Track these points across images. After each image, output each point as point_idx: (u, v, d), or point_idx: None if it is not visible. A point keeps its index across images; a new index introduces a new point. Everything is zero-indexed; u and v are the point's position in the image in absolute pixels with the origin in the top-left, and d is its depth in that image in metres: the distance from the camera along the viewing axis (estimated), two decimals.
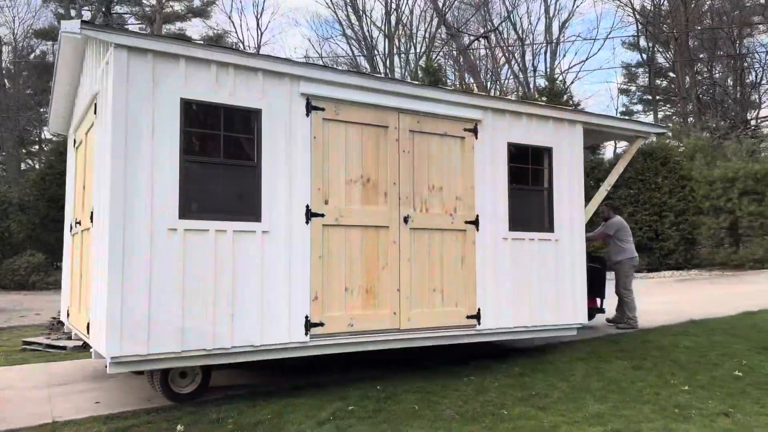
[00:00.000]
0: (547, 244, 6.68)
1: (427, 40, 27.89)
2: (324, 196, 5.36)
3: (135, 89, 4.55)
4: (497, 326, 6.25)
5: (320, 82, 5.37)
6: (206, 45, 4.83)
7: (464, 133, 6.20)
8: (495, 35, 28.62)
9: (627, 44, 34.29)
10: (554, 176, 6.80)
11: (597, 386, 5.40)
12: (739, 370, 5.84)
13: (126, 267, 4.44)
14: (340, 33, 29.76)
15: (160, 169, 4.61)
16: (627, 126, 7.62)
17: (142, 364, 4.55)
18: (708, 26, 28.80)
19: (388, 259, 5.66)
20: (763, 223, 17.66)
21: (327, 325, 5.28)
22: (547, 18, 29.96)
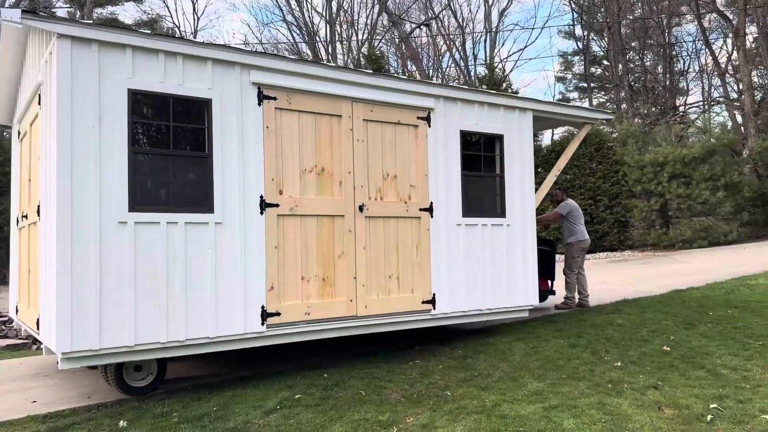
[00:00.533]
0: (499, 230, 6.85)
1: (369, 27, 27.78)
2: (278, 186, 5.37)
3: (80, 80, 4.45)
4: (452, 310, 6.40)
5: (271, 71, 5.35)
6: (153, 34, 4.74)
7: (417, 122, 6.28)
8: (436, 23, 28.96)
9: (563, 33, 35.37)
10: (506, 163, 6.96)
11: (535, 365, 5.59)
12: (668, 345, 6.12)
13: (75, 261, 4.37)
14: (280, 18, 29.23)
15: (108, 162, 4.54)
16: (576, 113, 7.83)
17: (94, 359, 4.51)
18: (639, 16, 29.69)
19: (344, 248, 5.72)
20: (691, 205, 18.47)
21: (283, 314, 5.31)
22: (487, 6, 30.52)
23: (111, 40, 4.56)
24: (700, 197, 18.12)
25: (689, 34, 33.45)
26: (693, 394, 4.66)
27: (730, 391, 4.69)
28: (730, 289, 9.78)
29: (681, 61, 32.10)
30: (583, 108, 8.13)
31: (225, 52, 5.10)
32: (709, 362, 5.52)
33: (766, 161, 20.04)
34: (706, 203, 18.18)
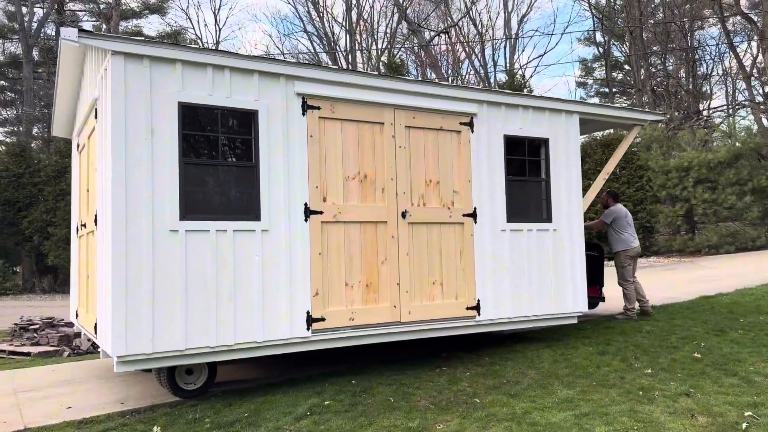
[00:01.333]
0: (545, 234, 6.75)
1: (388, 36, 27.99)
2: (322, 194, 5.46)
3: (133, 94, 4.65)
4: (497, 317, 6.34)
5: (315, 81, 5.45)
6: (202, 49, 4.91)
7: (460, 127, 6.27)
8: (455, 30, 28.89)
9: (584, 39, 34.76)
10: (551, 167, 6.86)
11: (565, 372, 5.54)
12: (698, 352, 6.02)
13: (129, 268, 4.56)
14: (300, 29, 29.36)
15: (160, 172, 4.72)
16: (625, 114, 7.65)
17: (147, 362, 4.68)
18: (661, 20, 29.53)
19: (388, 254, 5.76)
20: (717, 210, 18.22)
21: (328, 319, 5.39)
22: (506, 13, 30.28)
23: (162, 55, 4.75)
24: (726, 202, 17.94)
25: (712, 38, 32.49)
26: (726, 401, 4.56)
27: (765, 399, 4.60)
28: (760, 295, 9.59)
29: (704, 65, 31.94)
30: (632, 109, 7.91)
31: (271, 64, 5.23)
32: (742, 369, 5.40)
33: None
34: (732, 208, 18.02)
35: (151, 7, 29.92)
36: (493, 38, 29.69)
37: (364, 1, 27.36)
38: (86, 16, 28.49)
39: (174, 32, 29.35)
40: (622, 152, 7.77)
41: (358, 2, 27.12)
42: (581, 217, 7.06)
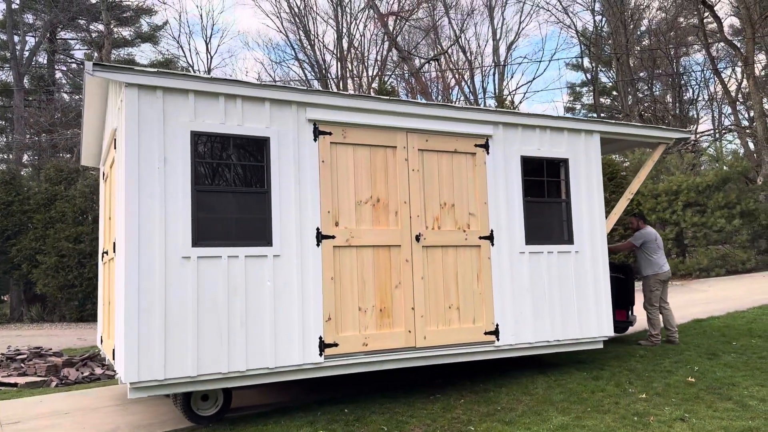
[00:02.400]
0: (566, 257, 6.59)
1: (379, 63, 28.25)
2: (334, 218, 5.47)
3: (146, 125, 4.77)
4: (517, 342, 6.19)
5: (327, 107, 5.50)
6: (213, 78, 5.02)
7: (475, 149, 6.22)
8: (445, 58, 29.30)
9: (571, 65, 34.96)
10: (572, 188, 6.73)
11: (559, 398, 5.54)
12: (692, 376, 6.08)
13: (142, 295, 4.63)
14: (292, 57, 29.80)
15: (172, 200, 4.81)
16: (649, 133, 7.46)
17: (159, 388, 4.72)
18: (647, 47, 30.14)
19: (402, 278, 5.71)
20: (707, 233, 18.51)
21: (341, 345, 5.35)
22: (494, 41, 30.64)
23: (174, 86, 4.87)
24: (715, 225, 18.25)
25: (697, 64, 33.94)
26: (722, 426, 4.57)
27: (760, 423, 4.60)
28: (752, 318, 9.51)
29: (690, 90, 32.49)
30: (656, 128, 7.71)
31: (282, 92, 5.31)
32: (736, 393, 5.45)
33: None
34: (722, 231, 18.36)
35: (143, 36, 30.05)
36: (482, 65, 30.36)
37: (355, 29, 28.10)
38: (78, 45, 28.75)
39: (166, 60, 29.42)
40: (646, 172, 7.57)
41: (349, 30, 27.74)
42: (605, 239, 6.88)
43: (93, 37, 27.39)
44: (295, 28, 27.78)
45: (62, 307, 16.96)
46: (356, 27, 27.97)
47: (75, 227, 16.76)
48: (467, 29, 31.37)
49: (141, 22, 30.17)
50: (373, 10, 26.70)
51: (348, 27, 27.50)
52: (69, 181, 18.82)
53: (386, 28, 26.62)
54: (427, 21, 28.81)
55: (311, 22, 28.05)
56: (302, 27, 27.46)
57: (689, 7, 27.82)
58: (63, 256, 16.81)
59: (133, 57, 29.96)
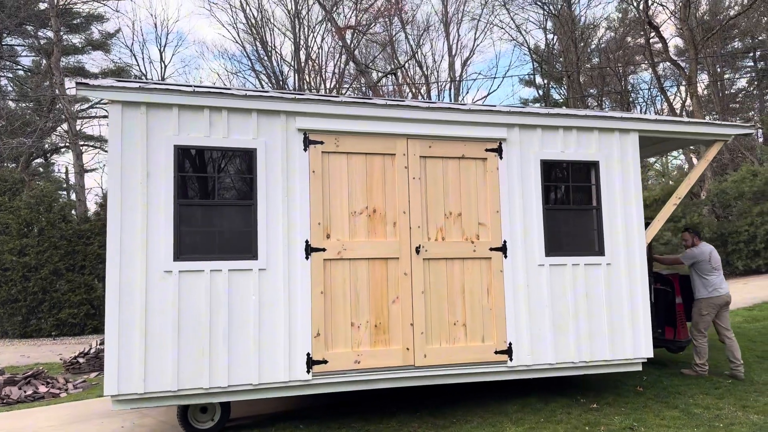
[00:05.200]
0: (596, 269, 5.97)
1: (336, 76, 27.61)
2: (325, 231, 5.28)
3: (129, 140, 4.84)
4: (535, 362, 5.68)
5: (318, 116, 5.33)
6: (198, 92, 5.00)
7: (486, 154, 5.79)
8: (402, 72, 29.01)
9: (524, 81, 34.70)
10: (603, 193, 6.09)
11: (513, 409, 5.70)
12: (641, 386, 6.39)
13: (123, 309, 4.69)
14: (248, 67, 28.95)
15: (155, 214, 4.84)
16: (702, 130, 6.60)
17: (140, 402, 4.76)
18: (596, 65, 31.12)
19: (400, 292, 5.41)
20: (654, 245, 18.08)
21: (331, 362, 5.15)
22: (450, 56, 30.46)
23: (158, 101, 4.90)
24: (662, 238, 18.04)
25: (645, 82, 33.92)
26: None
27: (704, 430, 4.91)
28: None
29: (638, 107, 32.54)
30: (711, 123, 6.78)
31: (270, 102, 5.20)
32: (682, 402, 5.78)
33: (723, 202, 19.91)
34: (668, 243, 18.25)
35: (94, 43, 28.74)
36: (438, 80, 30.09)
37: (312, 41, 27.87)
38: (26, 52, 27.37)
39: (118, 69, 28.13)
40: (697, 173, 6.70)
41: (307, 43, 27.35)
42: (643, 249, 6.16)
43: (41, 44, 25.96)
44: (252, 39, 27.67)
45: (4, 323, 15.32)
46: (314, 39, 27.95)
47: (19, 239, 15.25)
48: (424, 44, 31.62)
49: (92, 30, 28.75)
50: (330, 23, 26.57)
51: (306, 39, 27.41)
52: (14, 191, 17.81)
53: (344, 42, 26.42)
54: (385, 36, 28.93)
55: (268, 33, 28.03)
56: (259, 38, 27.27)
57: (636, 28, 29.30)
58: (6, 269, 15.16)
59: (83, 65, 28.92)
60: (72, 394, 7.82)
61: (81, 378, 8.74)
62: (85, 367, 9.29)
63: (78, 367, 9.26)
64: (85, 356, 9.48)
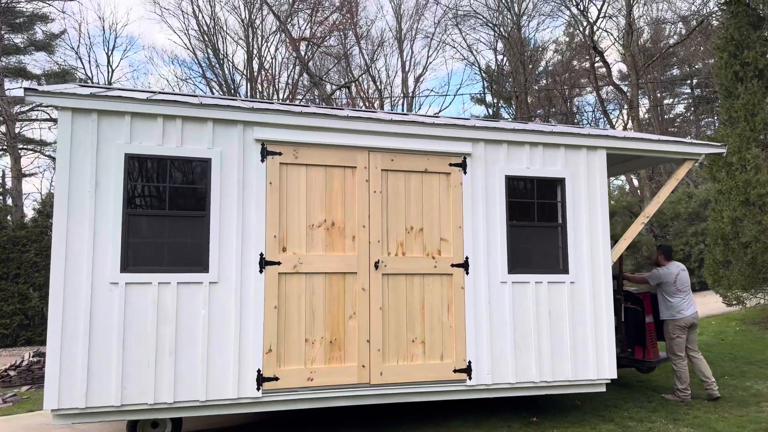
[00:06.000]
0: (559, 288, 5.89)
1: (290, 87, 27.51)
2: (281, 244, 5.17)
3: (78, 149, 4.71)
4: (494, 382, 5.58)
5: (276, 126, 5.23)
6: (152, 100, 4.89)
7: (450, 169, 5.71)
8: (355, 86, 29.37)
9: (475, 99, 35.65)
10: (569, 210, 6.02)
11: (456, 423, 5.88)
12: (579, 399, 6.67)
13: (66, 321, 4.55)
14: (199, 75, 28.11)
15: (102, 224, 4.71)
16: (671, 149, 6.54)
17: (81, 416, 4.62)
18: (543, 86, 32.21)
19: (357, 308, 5.30)
20: None
21: (282, 379, 5.02)
22: (404, 72, 30.99)
23: (110, 109, 4.79)
24: None
25: (589, 104, 35.36)
26: None
27: None
28: None
29: None
30: (681, 141, 6.73)
31: (226, 111, 5.09)
32: (618, 415, 6.05)
33: (660, 222, 20.34)
34: None
35: (38, 44, 27.35)
36: (392, 95, 30.55)
37: (266, 51, 27.66)
38: None
39: (62, 71, 26.89)
40: (667, 192, 6.64)
41: (260, 52, 27.16)
42: (608, 269, 6.09)
43: None
44: (204, 46, 27.39)
45: None
46: (267, 49, 27.77)
47: None
48: (378, 59, 31.60)
49: (35, 30, 27.28)
50: (284, 34, 26.55)
51: (259, 49, 27.19)
52: None
53: (298, 53, 26.41)
54: (339, 49, 29.02)
55: (221, 41, 27.77)
56: (211, 46, 27.02)
57: (582, 52, 30.49)
58: None
59: (24, 65, 27.65)
60: (1, 408, 7.56)
61: (11, 392, 8.41)
62: (16, 380, 8.98)
63: (8, 380, 8.96)
64: (16, 369, 9.18)
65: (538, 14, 31.45)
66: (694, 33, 26.29)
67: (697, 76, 30.61)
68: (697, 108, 31.77)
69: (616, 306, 7.17)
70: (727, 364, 8.53)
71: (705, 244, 15.63)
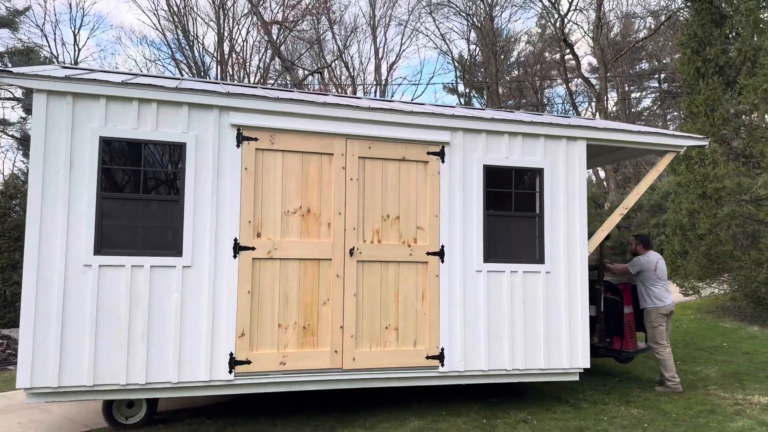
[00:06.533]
0: (535, 277, 5.93)
1: (261, 71, 27.07)
2: (256, 229, 5.20)
3: (53, 130, 4.73)
4: (467, 369, 5.64)
5: (253, 112, 5.23)
6: (128, 83, 4.90)
7: (428, 157, 5.72)
8: (328, 72, 29.17)
9: (447, 89, 35.61)
10: (546, 201, 6.04)
11: (418, 403, 6.00)
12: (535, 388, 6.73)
13: (39, 302, 4.61)
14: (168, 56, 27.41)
15: (77, 206, 4.74)
16: (652, 140, 6.55)
17: (54, 396, 4.69)
18: (515, 77, 32.66)
19: (331, 294, 5.35)
20: None
21: (255, 363, 5.09)
22: (377, 59, 30.74)
23: (85, 92, 4.79)
24: None
25: (559, 96, 35.52)
26: (558, 426, 5.34)
27: (589, 423, 5.43)
28: None
29: None
30: (662, 133, 6.73)
31: (202, 96, 5.09)
32: (573, 397, 6.34)
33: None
34: None
35: (0, 20, 25.79)
36: (365, 82, 30.40)
37: (237, 34, 27.18)
38: None
39: (27, 49, 25.61)
40: (647, 184, 6.66)
41: (231, 35, 26.64)
42: (585, 259, 6.13)
43: None
44: (173, 26, 26.73)
45: None
46: (239, 32, 27.29)
47: None
48: (351, 45, 31.61)
49: None
50: (256, 16, 26.11)
51: (230, 31, 26.76)
52: None
53: (270, 36, 25.98)
54: (312, 34, 28.78)
55: (191, 22, 27.18)
56: (181, 27, 26.39)
57: (553, 44, 30.69)
58: None
59: None
60: None
61: None
62: None
63: None
64: None
65: (510, 5, 31.66)
66: (663, 28, 26.73)
67: (665, 70, 30.92)
68: (664, 102, 32.19)
69: (596, 296, 7.24)
70: (680, 350, 8.86)
71: (665, 235, 15.87)
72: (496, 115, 6.14)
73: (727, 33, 13.00)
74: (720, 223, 11.62)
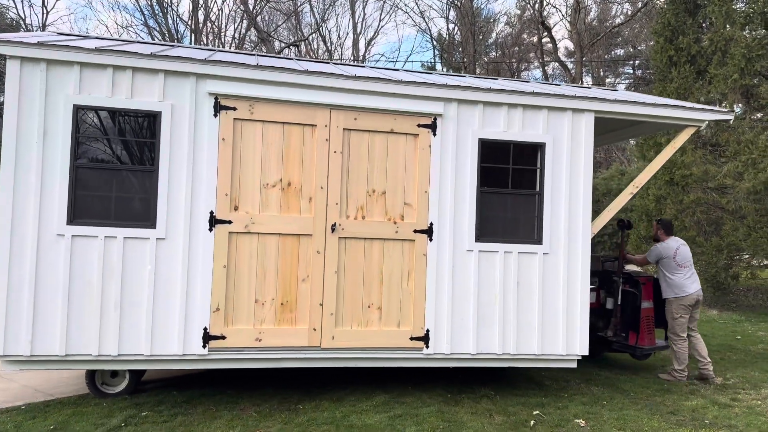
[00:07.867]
0: (531, 259, 5.61)
1: (236, 41, 25.82)
2: (233, 202, 5.05)
3: (26, 97, 4.66)
4: (453, 352, 5.42)
5: (231, 80, 5.04)
6: (102, 49, 4.76)
7: (418, 130, 5.42)
8: (305, 45, 28.14)
9: (425, 67, 33.74)
10: (547, 178, 5.67)
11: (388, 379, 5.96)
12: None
13: (12, 270, 4.60)
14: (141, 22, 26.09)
15: (50, 175, 4.69)
16: (669, 113, 6.03)
17: (27, 363, 4.71)
18: (492, 58, 31.94)
19: (311, 271, 5.18)
20: None
21: (229, 338, 5.00)
22: (355, 34, 29.50)
23: (59, 58, 4.69)
24: None
25: (536, 79, 33.39)
26: (520, 402, 5.43)
27: (550, 399, 5.56)
28: None
29: None
30: (681, 106, 6.18)
31: (179, 63, 4.92)
32: (538, 375, 6.43)
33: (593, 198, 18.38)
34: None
35: None
36: (342, 57, 29.12)
37: (212, 2, 26.41)
38: None
39: None
40: (662, 161, 6.16)
41: (206, 3, 25.38)
42: (588, 242, 5.75)
43: None
44: None
45: None
46: (214, 0, 26.47)
47: None
48: (329, 19, 30.68)
49: None
50: None
51: None
52: None
53: (246, 6, 25.01)
54: (289, 5, 27.70)
55: None
56: None
57: (532, 27, 30.08)
58: None
59: None
60: None
61: None
62: None
63: None
64: None
65: None
66: (639, 15, 26.64)
67: (639, 57, 30.33)
68: (638, 88, 31.74)
69: (613, 288, 6.85)
70: None
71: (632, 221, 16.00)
72: (495, 85, 5.76)
73: (700, 22, 13.18)
74: (685, 209, 11.93)
